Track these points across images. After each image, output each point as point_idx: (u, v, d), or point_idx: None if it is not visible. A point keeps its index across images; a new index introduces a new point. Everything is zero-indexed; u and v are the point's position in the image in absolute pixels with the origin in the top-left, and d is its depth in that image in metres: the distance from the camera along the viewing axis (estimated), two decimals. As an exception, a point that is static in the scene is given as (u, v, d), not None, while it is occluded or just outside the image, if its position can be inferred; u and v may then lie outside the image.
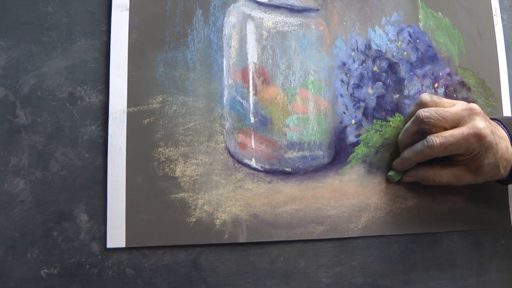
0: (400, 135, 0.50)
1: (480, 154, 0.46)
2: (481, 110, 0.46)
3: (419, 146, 0.47)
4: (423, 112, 0.46)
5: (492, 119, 0.50)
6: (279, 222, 0.46)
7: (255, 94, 0.47)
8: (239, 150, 0.46)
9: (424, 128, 0.46)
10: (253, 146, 0.46)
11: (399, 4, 0.54)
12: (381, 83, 0.52)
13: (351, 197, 0.49)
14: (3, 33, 0.40)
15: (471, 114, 0.46)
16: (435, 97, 0.48)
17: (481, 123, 0.45)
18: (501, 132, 0.48)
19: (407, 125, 0.48)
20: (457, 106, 0.47)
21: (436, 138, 0.45)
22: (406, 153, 0.48)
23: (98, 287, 0.40)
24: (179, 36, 0.45)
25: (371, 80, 0.51)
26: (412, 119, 0.47)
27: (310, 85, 0.49)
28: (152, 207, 0.42)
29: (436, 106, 0.47)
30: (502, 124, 0.49)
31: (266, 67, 0.47)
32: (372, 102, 0.51)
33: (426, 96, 0.48)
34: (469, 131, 0.45)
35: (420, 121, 0.46)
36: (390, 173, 0.50)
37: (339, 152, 0.49)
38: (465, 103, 0.48)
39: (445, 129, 0.46)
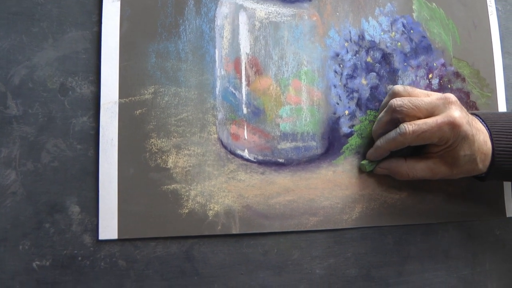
0: (374, 125, 0.49)
1: (455, 144, 0.45)
2: (457, 100, 0.46)
3: (392, 134, 0.46)
4: (396, 101, 0.46)
5: (471, 113, 0.49)
6: (272, 213, 0.45)
7: (248, 84, 0.46)
8: (231, 141, 0.45)
9: (397, 117, 0.46)
10: (246, 137, 0.46)
11: (393, -6, 0.53)
12: (374, 73, 0.51)
13: (345, 188, 0.48)
14: (-7, 23, 0.40)
15: (446, 103, 0.45)
16: (408, 88, 0.47)
17: (457, 112, 0.44)
18: (479, 125, 0.47)
19: (380, 115, 0.48)
20: (432, 96, 0.46)
21: (409, 126, 0.44)
22: (379, 142, 0.48)
23: (90, 279, 0.40)
24: (171, 27, 0.45)
25: (364, 70, 0.51)
26: (385, 108, 0.47)
27: (303, 76, 0.48)
28: (144, 198, 0.42)
29: (409, 96, 0.47)
30: (480, 118, 0.48)
31: (259, 57, 0.47)
32: (366, 93, 0.51)
33: (399, 87, 0.48)
34: (443, 119, 0.44)
35: (393, 109, 0.46)
36: (363, 162, 0.49)
37: (332, 143, 0.49)
38: (440, 93, 0.47)
39: (419, 118, 0.45)
